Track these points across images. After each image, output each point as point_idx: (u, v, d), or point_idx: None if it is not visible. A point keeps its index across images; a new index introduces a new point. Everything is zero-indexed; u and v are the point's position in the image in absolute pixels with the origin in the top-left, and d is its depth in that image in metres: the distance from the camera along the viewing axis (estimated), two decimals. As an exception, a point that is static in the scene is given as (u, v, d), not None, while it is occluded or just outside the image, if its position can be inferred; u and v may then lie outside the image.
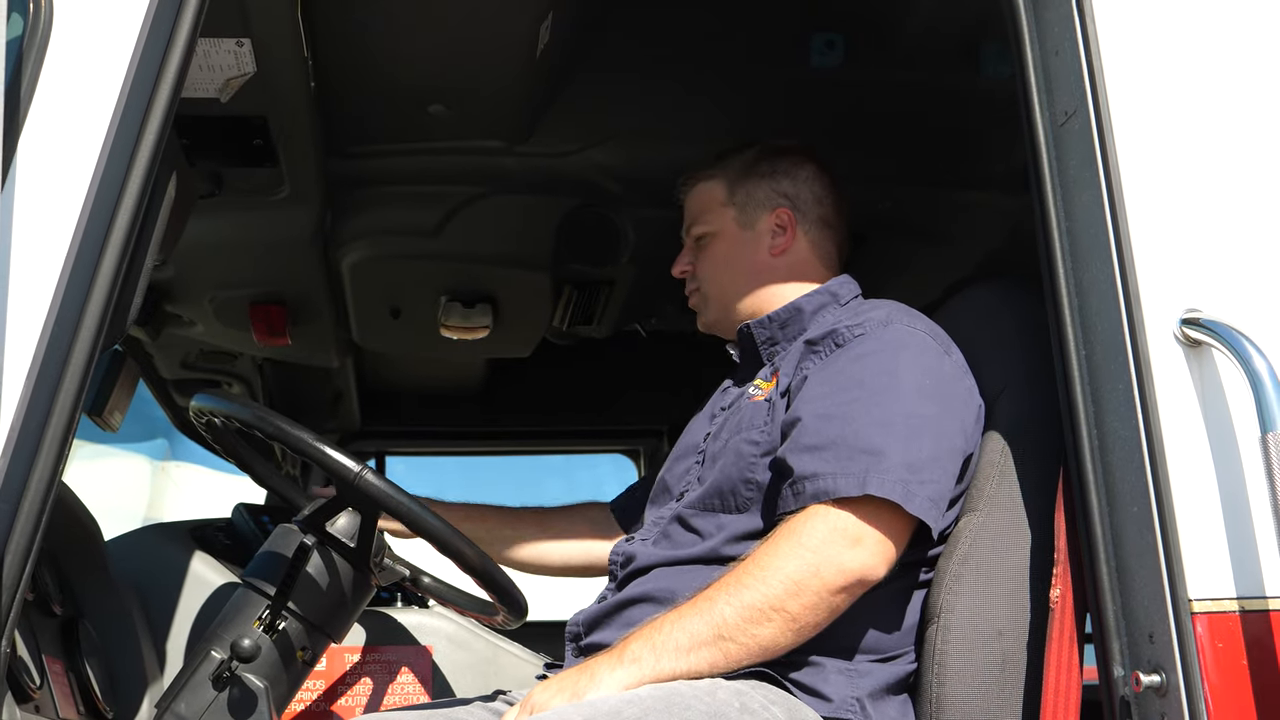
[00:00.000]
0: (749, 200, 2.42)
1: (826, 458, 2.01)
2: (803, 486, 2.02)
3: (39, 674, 2.08)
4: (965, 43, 2.71)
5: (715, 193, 2.45)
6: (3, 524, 1.59)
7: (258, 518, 3.25)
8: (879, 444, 2.00)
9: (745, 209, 2.42)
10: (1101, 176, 1.86)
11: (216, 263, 3.15)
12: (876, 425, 2.03)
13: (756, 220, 2.42)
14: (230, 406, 2.39)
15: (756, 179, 2.43)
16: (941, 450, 2.05)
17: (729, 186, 2.44)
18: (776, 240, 2.41)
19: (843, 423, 2.04)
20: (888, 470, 1.98)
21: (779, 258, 2.41)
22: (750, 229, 2.42)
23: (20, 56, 1.75)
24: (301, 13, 2.30)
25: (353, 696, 2.96)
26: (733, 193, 2.43)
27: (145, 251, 1.84)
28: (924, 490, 1.99)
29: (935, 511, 2.01)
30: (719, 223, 2.43)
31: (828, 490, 1.99)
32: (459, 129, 2.85)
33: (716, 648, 1.92)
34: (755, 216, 2.42)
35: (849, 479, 1.98)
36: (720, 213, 2.43)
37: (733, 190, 2.43)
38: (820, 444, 2.03)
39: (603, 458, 5.05)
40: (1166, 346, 1.78)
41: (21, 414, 1.63)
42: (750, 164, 2.45)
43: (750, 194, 2.42)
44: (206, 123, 2.53)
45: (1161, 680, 1.70)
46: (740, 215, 2.42)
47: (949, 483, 2.06)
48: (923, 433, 2.03)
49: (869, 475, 1.97)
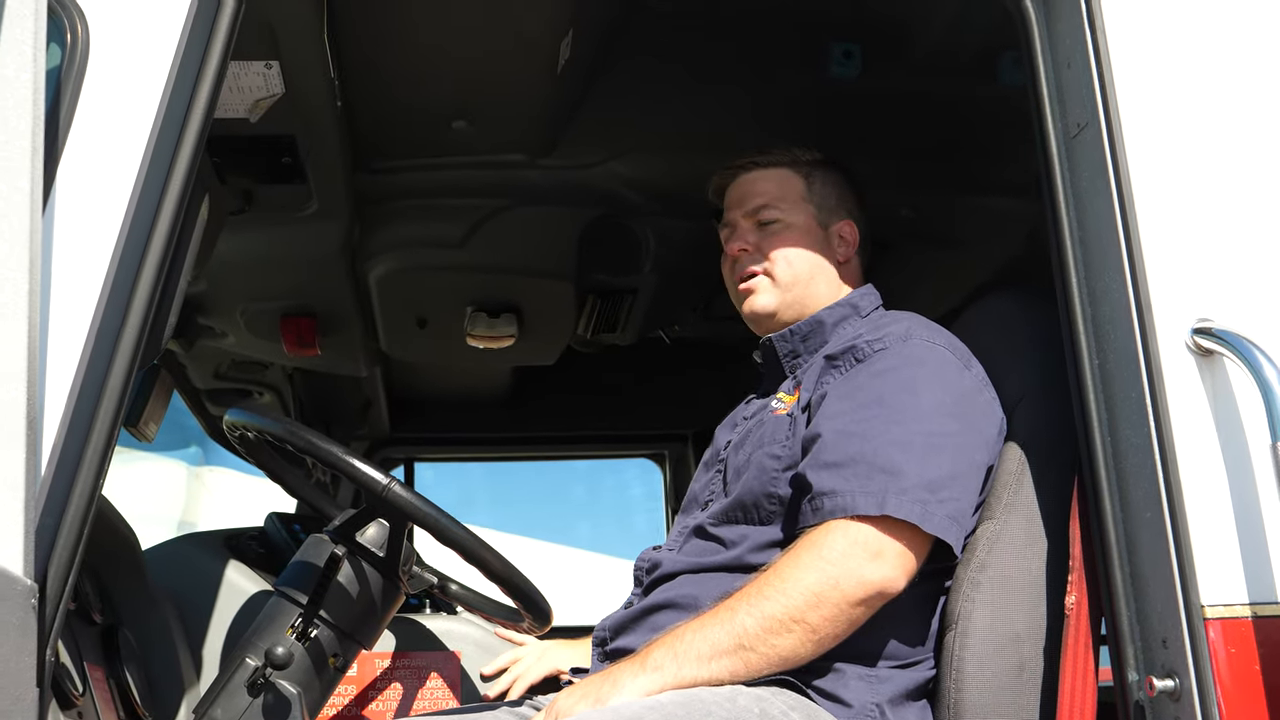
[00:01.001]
0: (825, 203, 2.46)
1: (846, 475, 2.03)
2: (821, 503, 2.04)
3: (81, 681, 2.12)
4: (982, 51, 2.73)
5: (795, 183, 2.46)
6: (46, 538, 1.63)
7: (290, 526, 3.31)
8: (898, 463, 2.02)
9: (823, 209, 2.46)
10: (1113, 187, 1.88)
11: (248, 276, 3.21)
12: (895, 444, 2.04)
13: (830, 223, 2.46)
14: (262, 421, 2.44)
15: (835, 188, 2.48)
16: (961, 467, 2.07)
17: (807, 182, 2.46)
18: (839, 248, 2.45)
19: (862, 440, 2.06)
20: (906, 490, 2.00)
21: (843, 265, 2.45)
22: (825, 229, 2.45)
23: (59, 85, 1.79)
24: (328, 35, 2.34)
25: (383, 701, 3.00)
26: (810, 190, 2.46)
27: (180, 271, 1.89)
28: (943, 509, 2.01)
29: (955, 529, 2.03)
30: (799, 215, 2.44)
31: (846, 508, 2.00)
32: (482, 144, 2.90)
33: (737, 657, 1.95)
34: (830, 219, 2.46)
35: (868, 498, 2.00)
36: (801, 205, 2.45)
37: (810, 187, 2.46)
38: (839, 461, 2.05)
39: (628, 462, 5.09)
40: (1178, 355, 1.81)
41: (63, 432, 1.68)
42: (822, 168, 2.48)
43: (828, 199, 2.46)
44: (237, 142, 2.58)
45: (1175, 685, 1.73)
46: (819, 214, 2.45)
47: (970, 499, 2.08)
48: (942, 450, 2.05)
49: (887, 495, 1.99)
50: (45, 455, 1.66)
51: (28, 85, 1.56)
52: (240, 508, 6.68)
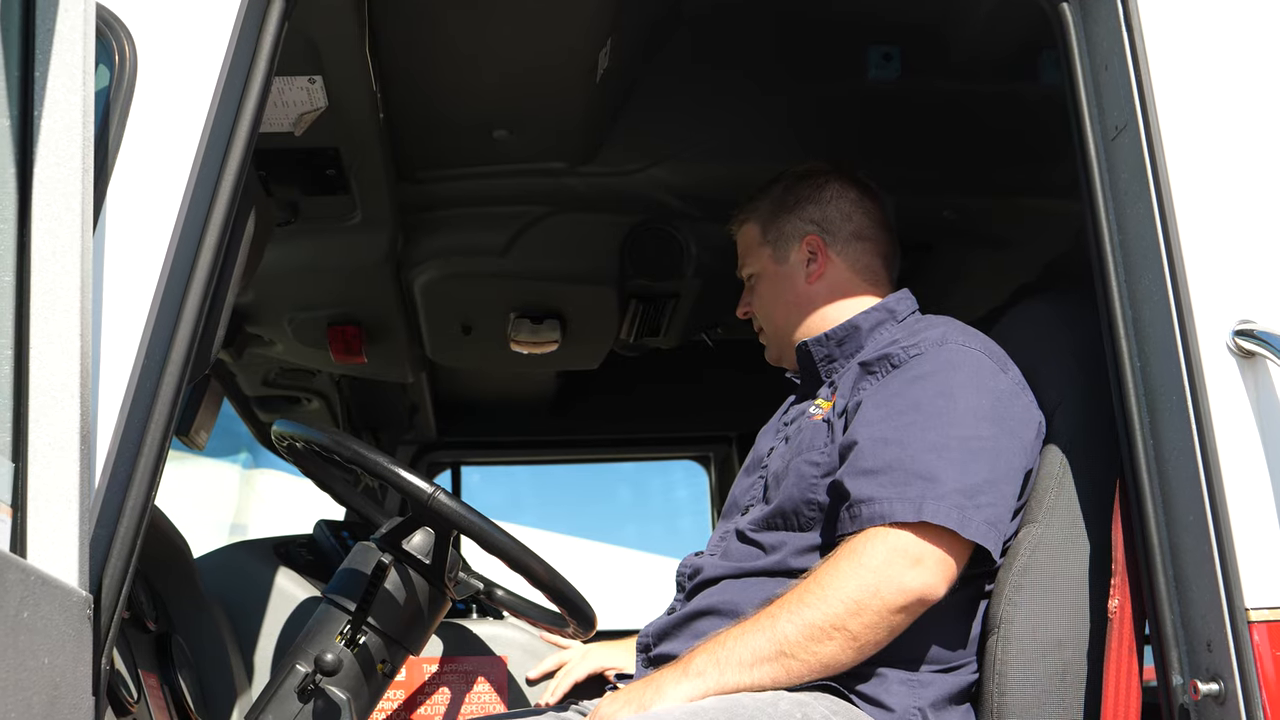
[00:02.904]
0: (780, 236, 2.47)
1: (883, 482, 2.03)
2: (859, 510, 2.04)
3: (136, 688, 2.16)
4: (1022, 51, 2.72)
5: (753, 234, 2.50)
6: (100, 549, 1.67)
7: (338, 533, 3.34)
8: (935, 469, 2.02)
9: (778, 245, 2.47)
10: (1153, 189, 1.88)
11: (294, 286, 3.25)
12: (932, 450, 2.04)
13: (789, 253, 2.45)
14: (309, 432, 2.48)
15: (785, 213, 2.47)
16: (999, 472, 2.06)
17: (762, 226, 2.49)
18: (810, 268, 2.44)
19: (899, 447, 2.06)
20: (943, 496, 2.00)
21: (817, 283, 2.44)
22: (785, 263, 2.46)
23: (107, 105, 1.83)
24: (370, 50, 2.38)
25: (431, 706, 3.02)
26: (765, 231, 2.48)
27: (228, 284, 1.92)
28: (980, 514, 2.01)
29: (994, 534, 2.03)
30: (759, 263, 2.49)
31: (884, 515, 2.01)
32: (523, 152, 2.92)
33: (778, 663, 1.96)
34: (787, 250, 2.46)
35: (905, 504, 2.00)
36: (759, 253, 2.49)
37: (765, 229, 2.48)
38: (876, 468, 2.05)
39: (674, 464, 5.10)
40: (1220, 357, 1.80)
41: (116, 445, 1.71)
42: (778, 199, 2.49)
43: (780, 229, 2.47)
44: (282, 155, 2.62)
45: (1220, 688, 1.72)
46: (775, 252, 2.47)
47: (1008, 504, 2.07)
48: (979, 456, 2.05)
49: (925, 502, 1.99)
50: (99, 468, 1.70)
51: (77, 108, 1.60)
52: (290, 511, 6.75)
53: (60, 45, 1.60)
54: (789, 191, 2.49)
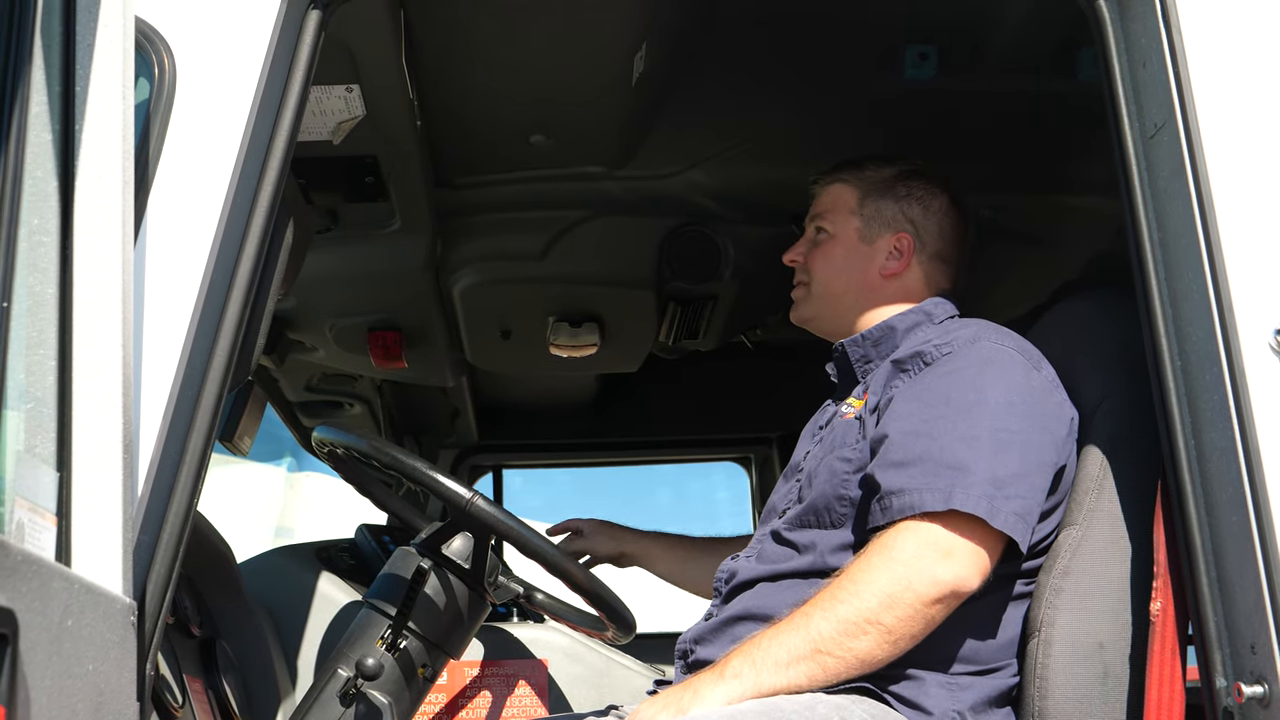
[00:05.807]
0: (876, 216, 2.45)
1: (913, 473, 2.03)
2: (890, 502, 2.04)
3: (181, 693, 2.19)
4: (1060, 48, 2.70)
5: (846, 197, 2.47)
6: (144, 556, 1.69)
7: (379, 538, 3.37)
8: (964, 459, 2.02)
9: (870, 223, 2.45)
10: (1192, 187, 1.86)
11: (335, 293, 3.28)
12: (962, 441, 2.04)
13: (877, 237, 2.44)
14: (349, 438, 2.50)
15: (890, 198, 2.45)
16: (1030, 465, 2.06)
17: (861, 195, 2.46)
18: (890, 262, 2.43)
19: (929, 439, 2.06)
20: (973, 485, 2.00)
21: (889, 279, 2.43)
22: (869, 244, 2.44)
23: (147, 117, 1.86)
24: (406, 58, 2.39)
25: (473, 709, 3.04)
26: (863, 203, 2.46)
27: (268, 291, 1.93)
28: (1009, 505, 2.00)
29: (1022, 526, 2.02)
30: (841, 228, 2.46)
31: (914, 505, 2.01)
32: (560, 157, 2.93)
33: (814, 661, 1.96)
34: (877, 233, 2.44)
35: (934, 494, 2.00)
36: (846, 218, 2.46)
37: (863, 200, 2.46)
38: (907, 460, 2.05)
39: (714, 466, 5.10)
40: (1261, 356, 1.78)
41: (159, 453, 1.73)
42: (887, 182, 2.47)
43: (879, 210, 2.45)
44: (320, 163, 2.65)
45: (1264, 691, 1.70)
46: (864, 228, 2.45)
47: (1038, 497, 2.07)
48: (1009, 448, 2.04)
49: (954, 490, 1.99)
50: (142, 475, 1.72)
51: (117, 121, 1.62)
52: (333, 514, 6.80)
53: (100, 59, 1.61)
54: (901, 181, 2.47)
